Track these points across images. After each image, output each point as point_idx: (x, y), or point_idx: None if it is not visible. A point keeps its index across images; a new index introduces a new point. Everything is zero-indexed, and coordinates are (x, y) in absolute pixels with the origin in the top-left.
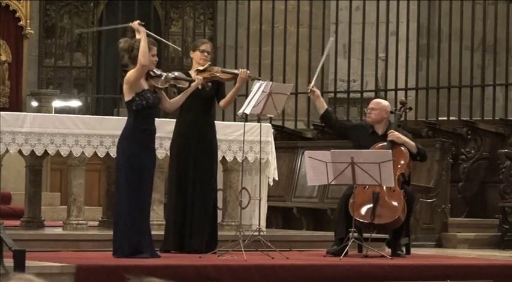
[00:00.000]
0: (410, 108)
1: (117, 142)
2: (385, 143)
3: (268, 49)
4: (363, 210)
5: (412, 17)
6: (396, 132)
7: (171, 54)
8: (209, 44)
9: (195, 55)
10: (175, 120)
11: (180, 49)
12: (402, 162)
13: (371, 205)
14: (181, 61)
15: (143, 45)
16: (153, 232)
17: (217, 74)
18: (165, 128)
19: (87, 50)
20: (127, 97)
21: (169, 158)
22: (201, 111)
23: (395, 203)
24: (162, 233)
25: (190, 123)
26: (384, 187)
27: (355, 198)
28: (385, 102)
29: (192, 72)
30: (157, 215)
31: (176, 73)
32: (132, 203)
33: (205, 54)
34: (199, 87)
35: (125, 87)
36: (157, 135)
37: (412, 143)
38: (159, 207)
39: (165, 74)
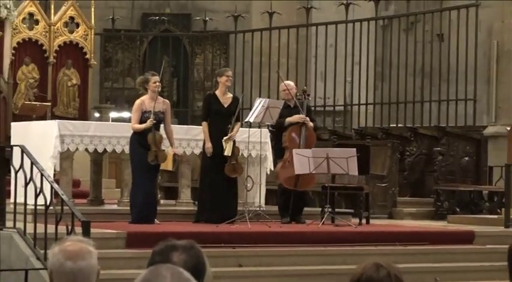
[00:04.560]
0: (308, 95)
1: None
2: (301, 126)
3: (266, 75)
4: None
5: (371, 51)
6: (307, 118)
7: (196, 79)
8: (230, 71)
9: (222, 79)
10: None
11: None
12: (314, 139)
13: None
14: (203, 84)
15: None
16: (181, 208)
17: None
18: (192, 132)
19: (135, 76)
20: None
21: (202, 155)
22: (223, 122)
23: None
24: (190, 208)
25: (217, 129)
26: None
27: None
28: (293, 84)
29: (218, 93)
30: (185, 196)
31: None
32: (135, 184)
33: (231, 78)
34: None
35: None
36: (186, 137)
37: (312, 124)
38: (187, 190)
39: None
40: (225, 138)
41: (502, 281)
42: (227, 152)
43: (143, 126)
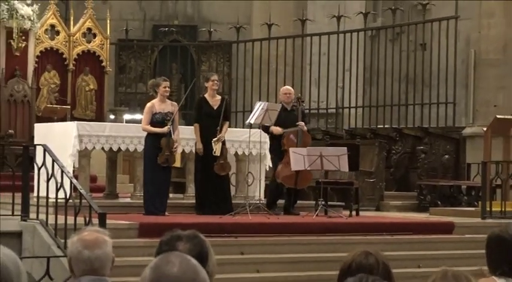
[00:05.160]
0: (303, 101)
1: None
2: (297, 129)
3: (265, 80)
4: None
5: (360, 59)
6: (302, 123)
7: (202, 84)
8: (216, 75)
9: (209, 84)
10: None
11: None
12: (309, 140)
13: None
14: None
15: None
16: (188, 201)
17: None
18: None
19: (146, 81)
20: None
21: (195, 155)
22: (214, 123)
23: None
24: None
25: (209, 130)
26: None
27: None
28: (292, 89)
29: (207, 97)
30: (192, 190)
31: None
32: (146, 180)
33: (216, 82)
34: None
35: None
36: (192, 137)
37: (306, 128)
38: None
39: None
40: (214, 139)
41: (478, 267)
42: (217, 152)
43: (159, 130)
